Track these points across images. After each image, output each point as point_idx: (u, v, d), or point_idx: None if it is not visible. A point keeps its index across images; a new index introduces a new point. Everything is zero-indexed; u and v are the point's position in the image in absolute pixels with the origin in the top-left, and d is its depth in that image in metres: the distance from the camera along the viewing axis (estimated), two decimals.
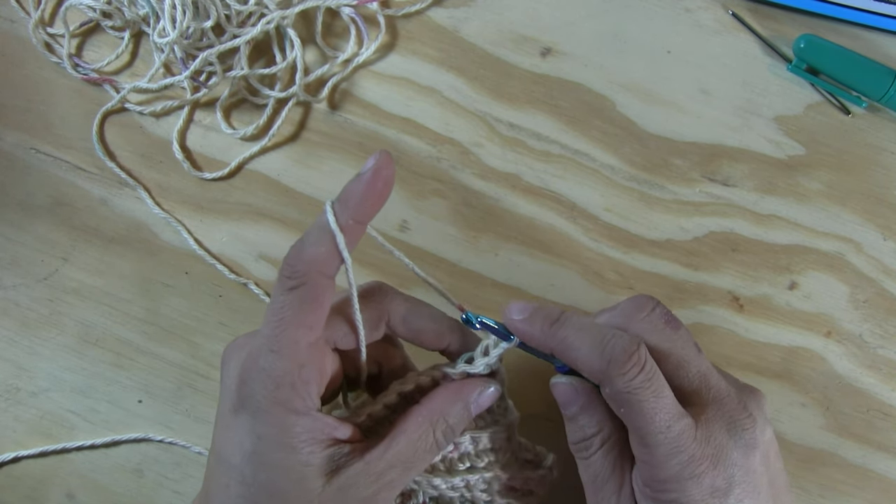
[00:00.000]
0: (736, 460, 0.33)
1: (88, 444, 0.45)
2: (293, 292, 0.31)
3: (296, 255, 0.32)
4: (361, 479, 0.32)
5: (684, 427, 0.32)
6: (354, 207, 0.32)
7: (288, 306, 0.31)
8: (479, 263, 0.47)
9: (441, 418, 0.34)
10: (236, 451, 0.32)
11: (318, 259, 0.32)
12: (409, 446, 0.33)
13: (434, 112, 0.49)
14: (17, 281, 0.47)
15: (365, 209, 0.32)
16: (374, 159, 0.32)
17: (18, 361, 0.46)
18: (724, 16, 0.49)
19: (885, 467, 0.45)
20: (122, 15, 0.48)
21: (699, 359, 0.35)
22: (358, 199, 0.32)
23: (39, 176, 0.48)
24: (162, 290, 0.47)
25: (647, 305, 0.36)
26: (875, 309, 0.47)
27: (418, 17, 0.50)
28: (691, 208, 0.48)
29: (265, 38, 0.49)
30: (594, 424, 0.35)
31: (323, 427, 0.32)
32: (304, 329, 0.31)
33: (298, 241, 0.32)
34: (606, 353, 0.33)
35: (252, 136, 0.48)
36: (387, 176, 0.32)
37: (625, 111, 0.48)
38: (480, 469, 0.37)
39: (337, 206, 0.32)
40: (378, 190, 0.32)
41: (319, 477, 0.31)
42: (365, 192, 0.32)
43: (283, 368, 0.31)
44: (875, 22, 0.48)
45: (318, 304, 0.32)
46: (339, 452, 0.32)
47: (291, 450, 0.31)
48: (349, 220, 0.32)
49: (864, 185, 0.48)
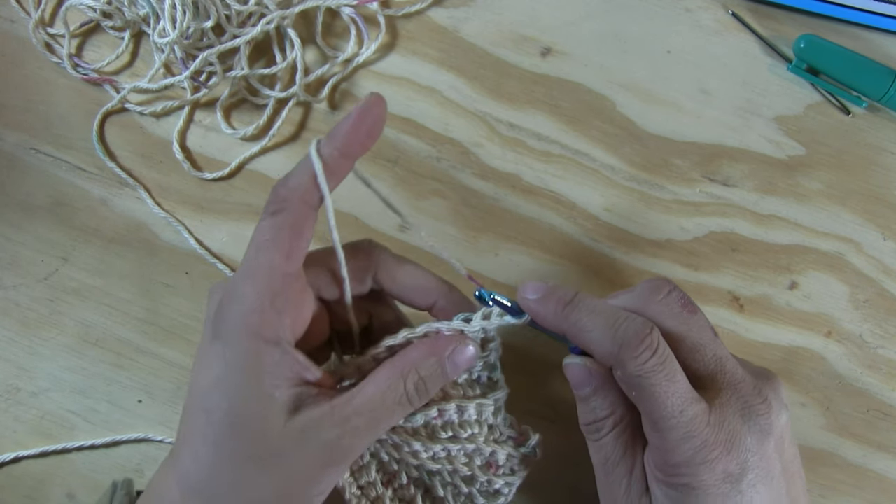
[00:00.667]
0: (750, 446, 0.32)
1: (89, 445, 0.45)
2: (273, 217, 0.32)
3: (281, 184, 0.33)
4: (325, 422, 0.32)
5: (697, 412, 0.32)
6: (340, 140, 0.32)
7: (267, 230, 0.32)
8: (479, 263, 0.47)
9: (413, 370, 0.34)
10: (204, 379, 0.32)
11: (300, 186, 0.32)
12: (378, 394, 0.33)
13: (434, 112, 0.49)
14: (17, 281, 0.47)
15: (351, 142, 0.33)
16: (365, 98, 0.33)
17: (18, 361, 0.46)
18: (724, 16, 0.49)
19: (885, 467, 0.45)
20: (123, 15, 0.48)
21: (715, 343, 0.35)
22: (344, 133, 0.32)
23: (39, 176, 0.48)
24: (162, 290, 0.47)
25: (663, 288, 0.35)
26: (875, 309, 0.47)
27: (418, 17, 0.50)
28: (691, 208, 0.48)
29: (265, 38, 0.49)
30: (606, 406, 0.35)
31: (292, 363, 0.32)
32: (281, 255, 0.32)
33: (289, 172, 0.33)
34: (619, 336, 0.33)
35: (252, 136, 0.48)
36: (376, 114, 0.33)
37: (625, 111, 0.48)
38: (463, 440, 0.37)
39: (323, 139, 0.33)
40: (366, 125, 0.33)
41: (282, 413, 0.31)
42: (352, 127, 0.32)
43: (256, 292, 0.31)
44: (875, 22, 0.48)
45: (296, 231, 0.32)
46: (306, 393, 0.32)
47: (256, 379, 0.31)
48: (334, 151, 0.32)
49: (864, 185, 0.48)
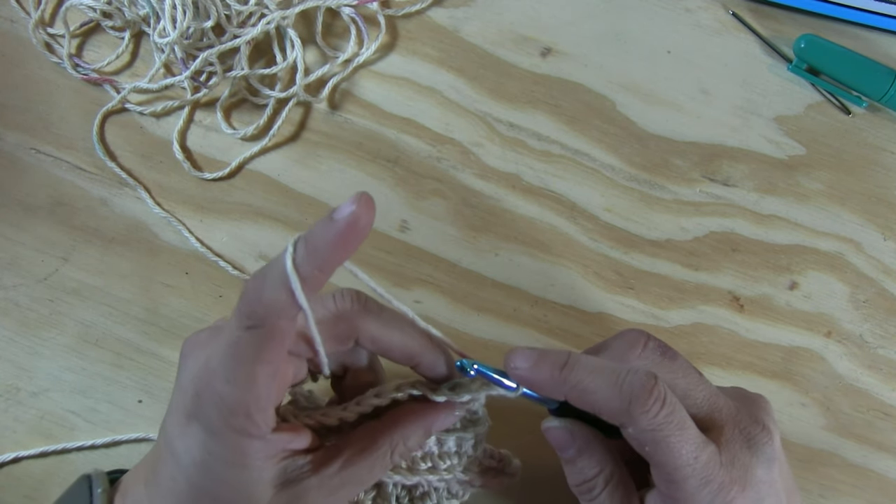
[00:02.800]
0: (762, 476, 0.32)
1: (89, 445, 0.45)
2: (251, 331, 0.29)
3: (255, 297, 0.29)
4: (312, 494, 0.32)
5: (710, 454, 0.32)
6: (321, 258, 0.28)
7: (245, 343, 0.29)
8: (479, 263, 0.47)
9: (402, 441, 0.34)
10: (186, 455, 0.31)
11: (277, 306, 0.29)
12: (365, 464, 0.33)
13: (434, 112, 0.49)
14: (17, 281, 0.47)
15: (332, 260, 0.28)
16: (354, 204, 0.28)
17: (18, 361, 0.46)
18: (724, 16, 0.49)
19: (885, 467, 0.45)
20: (123, 15, 0.48)
21: (703, 383, 0.34)
22: (326, 249, 0.28)
23: (39, 176, 0.48)
24: (162, 290, 0.47)
25: (639, 341, 0.35)
26: (875, 309, 0.47)
27: (418, 17, 0.50)
28: (691, 208, 0.48)
29: (265, 38, 0.49)
30: (594, 465, 0.34)
31: (277, 444, 0.31)
32: (262, 364, 0.30)
33: (259, 276, 0.29)
34: (625, 391, 0.32)
35: (252, 136, 0.48)
36: (364, 225, 0.28)
37: (625, 111, 0.48)
38: (441, 471, 0.37)
39: (302, 250, 0.28)
40: (351, 241, 0.28)
41: (269, 488, 0.31)
42: (336, 242, 0.28)
43: (238, 399, 0.30)
44: (875, 22, 0.48)
45: (276, 343, 0.30)
46: (293, 465, 0.32)
47: (242, 468, 0.31)
48: (314, 270, 0.28)
49: (864, 185, 0.48)
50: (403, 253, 0.47)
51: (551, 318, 0.46)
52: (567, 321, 0.46)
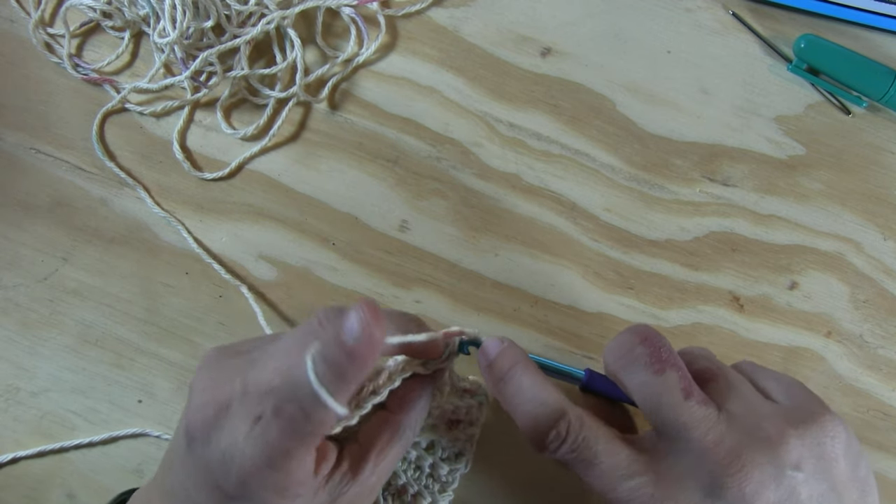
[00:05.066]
0: None
1: (86, 443, 0.45)
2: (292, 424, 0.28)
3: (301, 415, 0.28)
4: (357, 499, 0.33)
5: (634, 487, 0.31)
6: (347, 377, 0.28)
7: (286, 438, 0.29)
8: (479, 263, 0.47)
9: (416, 417, 0.35)
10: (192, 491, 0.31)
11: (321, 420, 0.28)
12: (394, 454, 0.34)
13: (434, 112, 0.49)
14: (17, 281, 0.47)
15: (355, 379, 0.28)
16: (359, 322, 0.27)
17: (18, 361, 0.46)
18: (724, 16, 0.49)
19: (885, 467, 0.45)
20: (122, 15, 0.48)
21: (682, 407, 0.32)
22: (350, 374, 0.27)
23: (39, 176, 0.48)
24: (162, 290, 0.47)
25: (627, 344, 0.34)
26: (875, 309, 0.47)
27: (418, 17, 0.50)
28: (691, 208, 0.48)
29: (265, 38, 0.49)
30: None
31: (318, 482, 0.31)
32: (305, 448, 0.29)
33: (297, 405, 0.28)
34: (532, 425, 0.33)
35: (252, 136, 0.48)
36: (378, 340, 0.27)
37: (625, 111, 0.48)
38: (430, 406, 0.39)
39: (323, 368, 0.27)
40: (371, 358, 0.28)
41: None
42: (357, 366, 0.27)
43: (285, 482, 0.29)
44: (875, 22, 0.48)
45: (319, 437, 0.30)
46: (335, 484, 0.32)
47: None
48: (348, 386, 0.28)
49: (864, 185, 0.48)
50: (403, 253, 0.47)
51: (551, 318, 0.46)
52: (567, 321, 0.46)
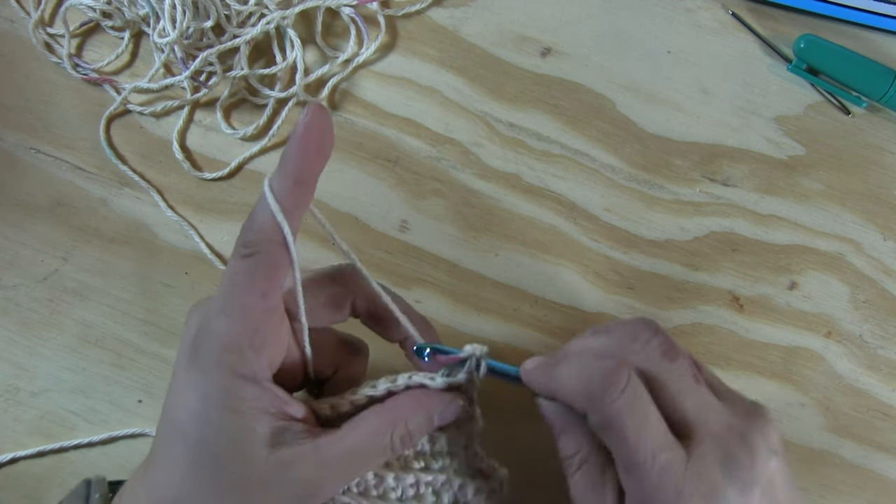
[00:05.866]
0: (731, 499, 0.31)
1: (86, 443, 0.45)
2: (246, 259, 0.31)
3: (248, 227, 0.32)
4: (307, 461, 0.31)
5: (672, 459, 0.31)
6: (290, 168, 0.31)
7: (241, 272, 0.31)
8: (479, 263, 0.47)
9: (402, 423, 0.34)
10: (182, 409, 0.31)
11: (265, 228, 0.31)
12: (363, 441, 0.33)
13: (434, 112, 0.49)
14: (17, 281, 0.47)
15: (302, 168, 0.31)
16: (304, 115, 0.31)
17: (18, 361, 0.46)
18: (724, 16, 0.49)
19: (884, 467, 0.45)
20: (122, 15, 0.48)
21: (696, 392, 0.33)
22: (292, 160, 0.31)
23: (39, 176, 0.48)
24: (162, 290, 0.47)
25: (642, 335, 0.34)
26: (875, 309, 0.47)
27: (418, 17, 0.50)
28: (691, 208, 0.48)
29: (265, 38, 0.49)
30: (573, 445, 0.34)
31: (272, 398, 0.32)
32: (258, 295, 0.31)
33: (251, 211, 0.32)
34: (585, 378, 0.32)
35: (252, 136, 0.48)
36: (320, 128, 0.31)
37: (625, 111, 0.48)
38: (435, 471, 0.37)
39: (276, 174, 0.32)
40: (312, 145, 0.31)
41: (263, 446, 0.31)
42: (298, 151, 0.31)
43: (233, 332, 0.31)
44: (875, 22, 0.48)
45: (272, 271, 0.32)
46: (289, 429, 0.32)
47: (237, 413, 0.31)
48: (288, 182, 0.31)
49: (864, 185, 0.48)
50: (403, 253, 0.47)
51: (551, 318, 0.46)
52: (567, 321, 0.46)
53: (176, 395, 0.32)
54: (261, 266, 0.31)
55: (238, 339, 0.31)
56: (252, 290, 0.31)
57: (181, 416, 0.32)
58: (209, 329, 0.31)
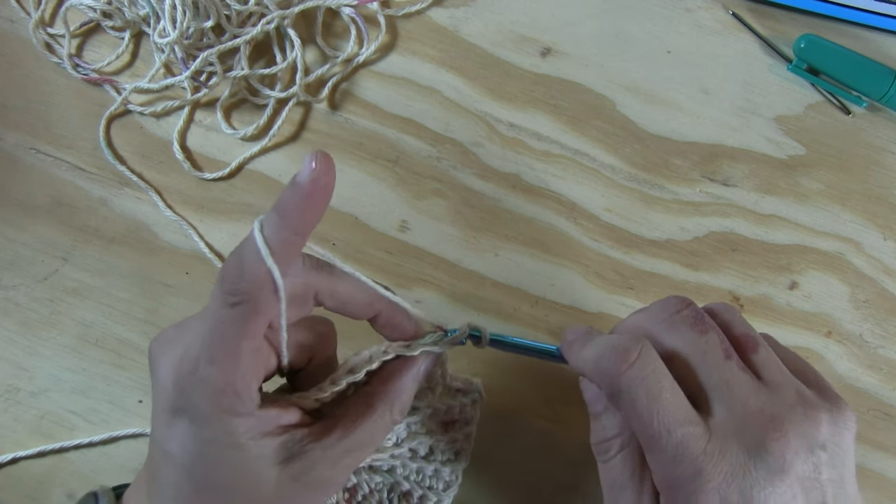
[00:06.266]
0: (757, 481, 0.29)
1: (86, 443, 0.45)
2: (235, 308, 0.30)
3: (236, 274, 0.30)
4: (318, 465, 0.32)
5: (690, 434, 0.30)
6: (294, 222, 0.29)
7: (229, 321, 0.30)
8: (479, 263, 0.47)
9: (397, 397, 0.34)
10: (182, 452, 0.31)
11: (257, 278, 0.29)
12: (367, 430, 0.33)
13: (434, 112, 0.49)
14: (17, 281, 0.47)
15: (305, 221, 0.29)
16: (312, 164, 0.29)
17: (18, 361, 0.46)
18: (724, 16, 0.49)
19: (885, 467, 0.45)
20: (123, 15, 0.48)
21: (724, 366, 0.32)
22: (296, 212, 0.29)
23: (39, 176, 0.48)
24: (162, 290, 0.47)
25: (673, 307, 0.34)
26: (875, 309, 0.47)
27: (418, 17, 0.50)
28: (691, 208, 0.48)
29: (265, 38, 0.49)
30: (615, 426, 0.33)
31: (268, 420, 0.31)
32: (246, 341, 0.30)
33: (236, 255, 0.30)
34: (602, 353, 0.32)
35: (252, 136, 0.48)
36: (326, 184, 0.29)
37: (625, 111, 0.48)
38: (420, 408, 0.39)
39: (273, 219, 0.29)
40: (318, 199, 0.29)
41: (273, 466, 0.31)
42: (304, 204, 0.29)
43: (225, 379, 0.30)
44: (875, 22, 0.48)
45: (261, 318, 0.30)
46: (293, 440, 0.32)
47: (240, 448, 0.31)
48: (291, 235, 0.29)
49: (864, 185, 0.48)
50: (403, 253, 0.47)
51: (551, 318, 0.46)
52: (567, 321, 0.46)
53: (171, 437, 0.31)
54: (250, 315, 0.30)
55: (230, 385, 0.30)
56: (242, 337, 0.30)
57: (184, 458, 0.31)
58: (197, 377, 0.30)
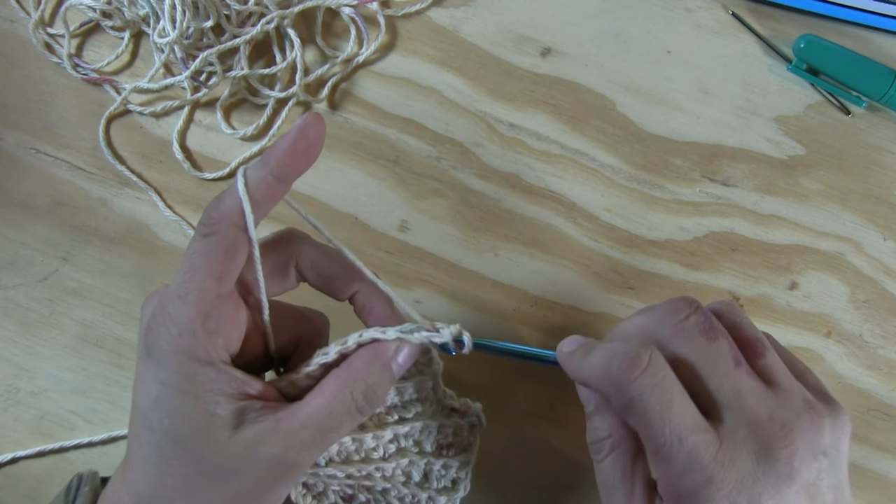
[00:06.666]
0: (765, 489, 0.29)
1: (86, 442, 0.45)
2: (205, 239, 0.32)
3: (213, 206, 0.32)
4: (270, 436, 0.31)
5: (701, 442, 0.29)
6: (274, 164, 0.32)
7: (198, 253, 0.31)
8: (479, 263, 0.47)
9: (360, 379, 0.33)
10: (143, 398, 0.31)
11: (231, 210, 0.32)
12: (325, 406, 0.32)
13: (434, 112, 0.49)
14: (17, 281, 0.47)
15: (285, 166, 0.32)
16: (301, 119, 0.32)
17: (18, 361, 0.46)
18: (724, 16, 0.49)
19: (885, 467, 0.45)
20: (122, 15, 0.48)
21: (735, 374, 0.31)
22: (278, 157, 0.32)
23: (39, 176, 0.48)
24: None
25: (681, 311, 0.33)
26: (875, 309, 0.47)
27: (418, 17, 0.50)
28: (691, 208, 0.48)
29: (265, 38, 0.49)
30: (605, 428, 0.34)
31: (230, 379, 0.31)
32: (213, 278, 0.31)
33: (219, 194, 0.33)
34: (608, 360, 0.32)
35: (252, 136, 0.48)
36: (314, 135, 0.32)
37: (625, 111, 0.48)
38: (410, 420, 0.37)
39: (256, 163, 0.33)
40: (301, 149, 0.32)
41: (226, 429, 0.31)
42: (286, 150, 0.32)
43: (188, 315, 0.31)
44: (875, 22, 0.48)
45: (228, 254, 0.32)
46: (250, 407, 0.32)
47: (195, 398, 0.31)
48: (267, 175, 0.32)
49: (864, 185, 0.48)
50: (403, 253, 0.47)
51: (551, 318, 0.46)
52: (567, 321, 0.46)
53: (138, 384, 0.32)
54: (219, 247, 0.31)
55: (192, 323, 0.31)
56: (209, 271, 0.31)
57: (143, 404, 0.31)
58: (165, 314, 0.31)
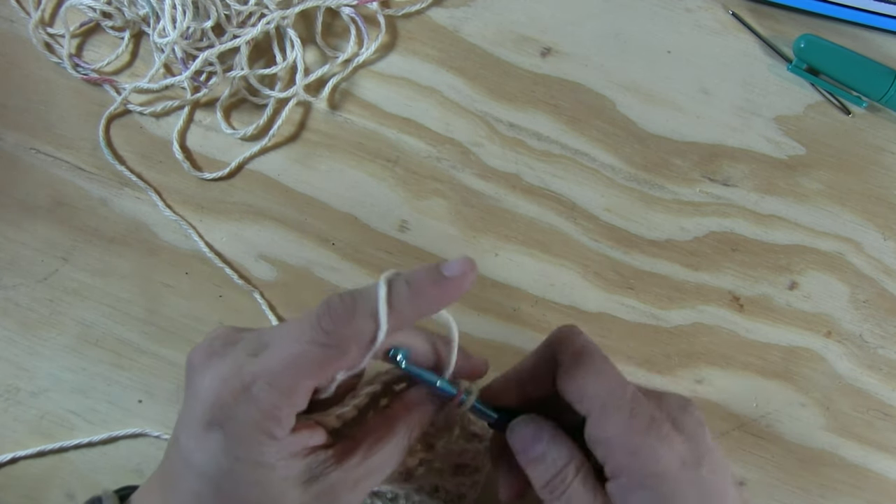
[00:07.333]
0: (693, 431, 0.32)
1: (86, 442, 0.45)
2: (322, 348, 0.30)
3: (343, 320, 0.30)
4: (339, 487, 0.32)
5: (636, 389, 0.33)
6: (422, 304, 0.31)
7: (310, 360, 0.30)
8: (479, 263, 0.47)
9: (417, 424, 0.35)
10: (211, 465, 0.31)
11: (364, 335, 0.30)
12: (387, 452, 0.34)
13: (434, 112, 0.49)
14: (17, 281, 0.47)
15: (427, 309, 0.31)
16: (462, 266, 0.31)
17: (18, 361, 0.46)
18: (724, 16, 0.49)
19: (885, 467, 0.45)
20: (122, 15, 0.48)
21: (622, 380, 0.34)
22: (430, 300, 0.31)
23: (39, 176, 0.48)
24: (162, 290, 0.47)
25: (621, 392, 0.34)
26: (875, 309, 0.47)
27: (418, 17, 0.50)
28: (691, 208, 0.48)
29: (265, 38, 0.49)
30: (565, 455, 0.34)
31: (298, 442, 0.32)
32: (314, 379, 0.31)
33: (349, 299, 0.30)
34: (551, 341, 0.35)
35: (252, 136, 0.48)
36: (462, 288, 0.31)
37: (625, 111, 0.48)
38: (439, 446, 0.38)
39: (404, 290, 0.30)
40: (447, 298, 0.31)
41: (297, 486, 0.31)
42: (436, 295, 0.31)
43: (276, 404, 0.30)
44: (875, 22, 0.48)
45: (338, 366, 0.31)
46: (317, 461, 0.32)
47: (269, 468, 0.31)
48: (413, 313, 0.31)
49: (864, 185, 0.48)
50: (403, 253, 0.47)
51: (551, 318, 0.46)
52: (567, 321, 0.46)
53: (200, 450, 0.31)
54: (332, 361, 0.30)
55: (278, 410, 0.30)
56: (311, 377, 0.31)
57: (211, 471, 0.31)
58: (248, 394, 0.30)
